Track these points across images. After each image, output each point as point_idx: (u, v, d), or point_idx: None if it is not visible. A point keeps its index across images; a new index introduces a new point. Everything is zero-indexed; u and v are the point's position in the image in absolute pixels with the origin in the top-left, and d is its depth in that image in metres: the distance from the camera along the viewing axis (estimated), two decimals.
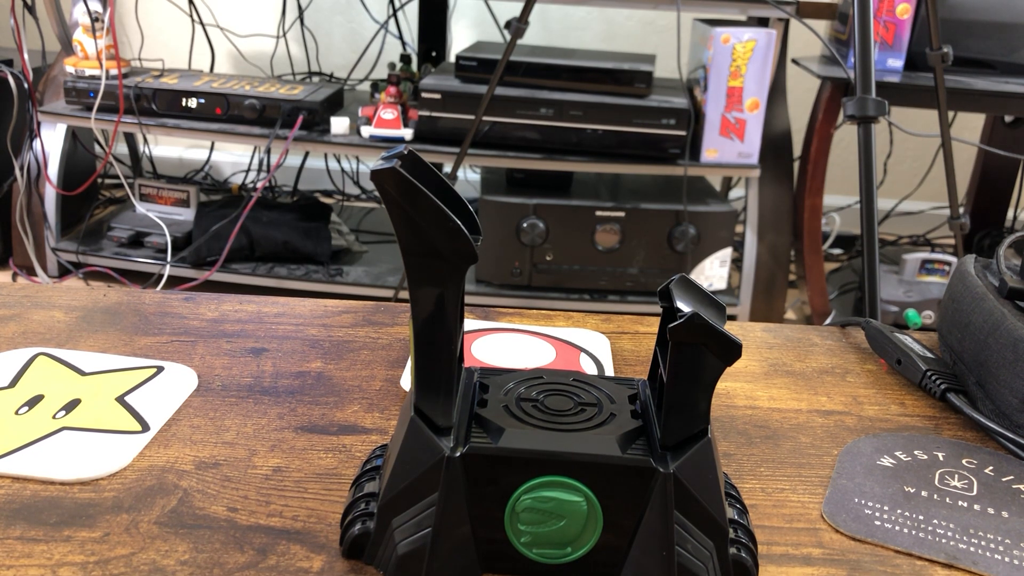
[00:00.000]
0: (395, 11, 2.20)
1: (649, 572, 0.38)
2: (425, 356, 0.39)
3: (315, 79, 2.33)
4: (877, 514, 0.45)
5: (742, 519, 0.41)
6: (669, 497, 0.38)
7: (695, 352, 0.37)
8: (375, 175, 0.35)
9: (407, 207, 0.35)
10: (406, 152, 0.36)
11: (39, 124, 1.85)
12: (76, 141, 1.95)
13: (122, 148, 2.40)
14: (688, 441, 0.38)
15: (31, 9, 1.97)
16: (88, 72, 1.80)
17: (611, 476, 0.38)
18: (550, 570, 0.39)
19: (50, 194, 1.88)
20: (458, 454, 0.38)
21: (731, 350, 0.37)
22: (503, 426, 0.39)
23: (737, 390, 0.58)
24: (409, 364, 0.53)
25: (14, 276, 1.92)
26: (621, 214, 1.74)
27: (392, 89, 1.80)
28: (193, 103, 1.78)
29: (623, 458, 0.38)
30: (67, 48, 1.89)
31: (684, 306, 0.37)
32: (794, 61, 1.99)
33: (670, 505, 0.38)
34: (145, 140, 2.43)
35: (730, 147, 1.86)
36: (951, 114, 2.00)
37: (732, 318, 1.82)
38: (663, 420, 0.38)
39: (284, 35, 2.36)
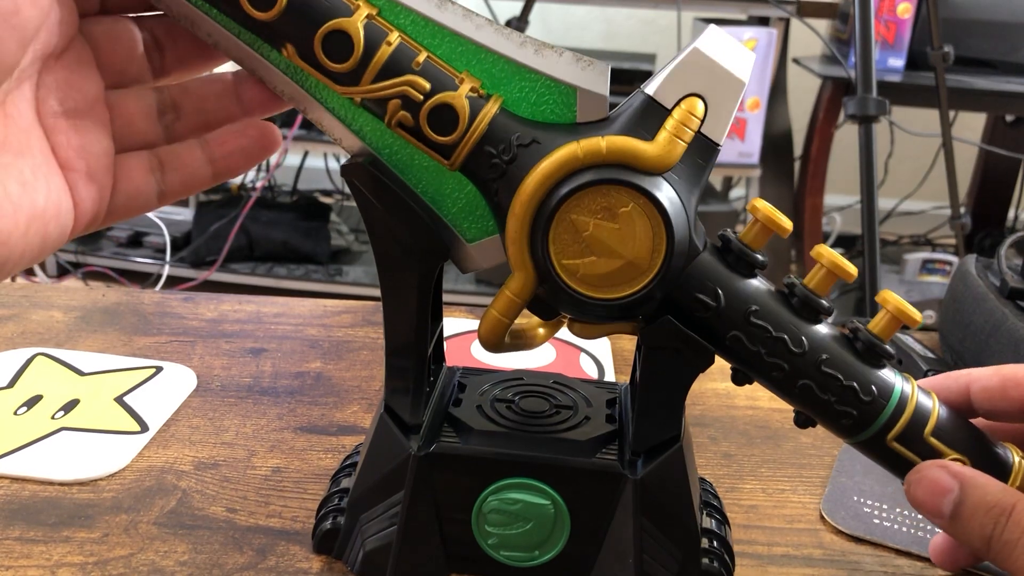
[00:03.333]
0: None
1: None
2: (394, 354, 0.38)
3: None
4: (876, 512, 0.45)
5: (719, 530, 0.40)
6: (636, 503, 0.37)
7: (667, 356, 0.36)
8: (344, 170, 0.35)
9: (376, 203, 0.35)
10: None
11: None
12: None
13: None
14: (661, 447, 0.38)
15: None
16: None
17: (578, 480, 0.37)
18: (518, 573, 0.39)
19: None
20: (424, 453, 0.38)
21: (703, 356, 0.36)
22: (473, 426, 0.39)
23: (738, 390, 0.58)
24: None
25: (12, 276, 1.92)
26: None
27: None
28: None
29: (590, 462, 0.38)
30: None
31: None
32: (795, 60, 1.99)
33: (637, 511, 0.37)
34: None
35: (730, 147, 1.86)
36: (952, 113, 2.00)
37: None
38: (634, 425, 0.38)
39: None
